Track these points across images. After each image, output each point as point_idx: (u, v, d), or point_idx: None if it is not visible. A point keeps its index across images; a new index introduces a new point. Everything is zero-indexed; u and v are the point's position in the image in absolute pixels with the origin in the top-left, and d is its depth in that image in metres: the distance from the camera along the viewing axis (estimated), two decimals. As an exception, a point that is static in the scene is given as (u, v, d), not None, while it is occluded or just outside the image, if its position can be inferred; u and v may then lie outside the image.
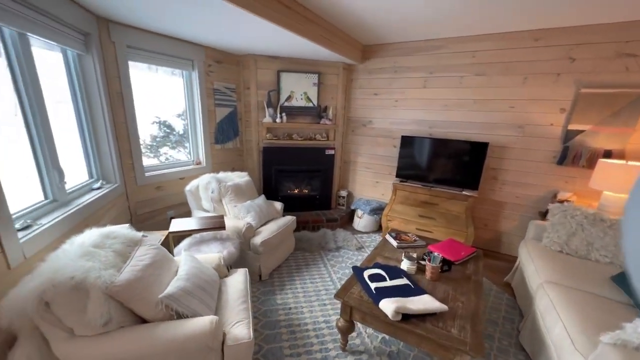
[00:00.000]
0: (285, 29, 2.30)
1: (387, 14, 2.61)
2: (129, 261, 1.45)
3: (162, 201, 2.94)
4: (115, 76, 2.39)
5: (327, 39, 2.86)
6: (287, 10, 2.27)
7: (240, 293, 1.74)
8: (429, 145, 3.35)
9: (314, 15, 2.59)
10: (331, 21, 2.82)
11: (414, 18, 2.68)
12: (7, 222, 1.28)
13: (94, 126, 2.25)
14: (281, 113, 3.59)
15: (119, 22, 2.35)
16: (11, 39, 1.54)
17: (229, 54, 3.40)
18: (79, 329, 1.18)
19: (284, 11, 2.25)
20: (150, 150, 4.79)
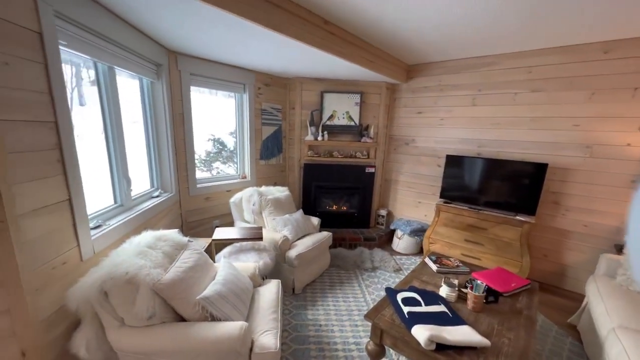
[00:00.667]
0: (329, 53, 2.44)
1: (435, 35, 2.62)
2: (174, 262, 1.60)
3: (210, 211, 3.19)
4: (179, 99, 2.74)
5: (369, 61, 2.94)
6: (331, 37, 2.41)
7: (271, 303, 1.80)
8: (477, 165, 3.15)
9: (357, 39, 2.70)
10: (375, 44, 2.91)
11: (465, 37, 2.64)
12: (84, 221, 1.53)
13: (159, 142, 2.59)
14: (323, 131, 3.71)
15: (186, 54, 2.71)
16: (102, 72, 1.89)
17: (278, 77, 3.67)
18: (128, 319, 1.34)
19: (328, 37, 2.39)
20: (205, 164, 5.27)
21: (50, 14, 1.32)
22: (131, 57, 2.08)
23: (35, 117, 1.27)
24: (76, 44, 1.55)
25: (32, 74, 1.25)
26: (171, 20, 1.92)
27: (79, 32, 1.56)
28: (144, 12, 1.83)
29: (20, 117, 1.20)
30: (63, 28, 1.44)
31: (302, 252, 2.59)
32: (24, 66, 1.21)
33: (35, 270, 1.25)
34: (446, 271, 2.31)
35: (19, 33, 1.18)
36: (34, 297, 1.23)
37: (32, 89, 1.25)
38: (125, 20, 1.94)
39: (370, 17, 2.27)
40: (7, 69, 1.15)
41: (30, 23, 1.23)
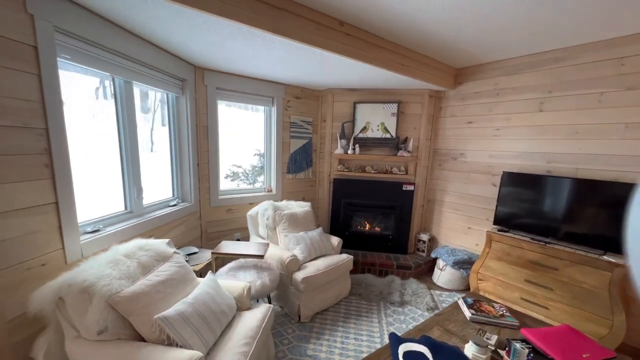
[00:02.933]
0: (349, 57, 2.24)
1: (486, 31, 2.22)
2: (147, 274, 1.53)
3: (232, 223, 3.18)
4: (204, 112, 2.83)
5: (402, 65, 2.63)
6: (349, 39, 2.22)
7: (248, 332, 1.57)
8: (546, 186, 2.48)
9: (384, 41, 2.45)
10: (408, 46, 2.60)
11: (526, 29, 2.17)
12: (72, 225, 1.58)
13: (180, 153, 2.69)
14: (354, 144, 3.44)
15: (212, 69, 2.82)
16: (119, 86, 2.03)
17: (309, 90, 3.58)
18: (82, 331, 1.28)
19: (346, 40, 2.20)
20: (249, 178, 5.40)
21: (50, 29, 1.43)
22: (153, 73, 2.21)
23: (24, 123, 1.35)
24: (82, 58, 1.67)
25: (24, 84, 1.35)
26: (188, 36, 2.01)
27: (89, 48, 1.69)
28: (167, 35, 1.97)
29: (5, 122, 1.28)
30: (67, 43, 1.56)
31: (311, 276, 2.32)
32: (13, 76, 1.31)
33: (4, 269, 1.29)
34: (484, 321, 1.76)
35: (9, 46, 1.29)
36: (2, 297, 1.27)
37: (23, 98, 1.35)
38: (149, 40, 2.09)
39: (394, 13, 2.01)
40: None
41: (25, 37, 1.34)
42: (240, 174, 5.65)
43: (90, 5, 1.59)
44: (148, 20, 1.76)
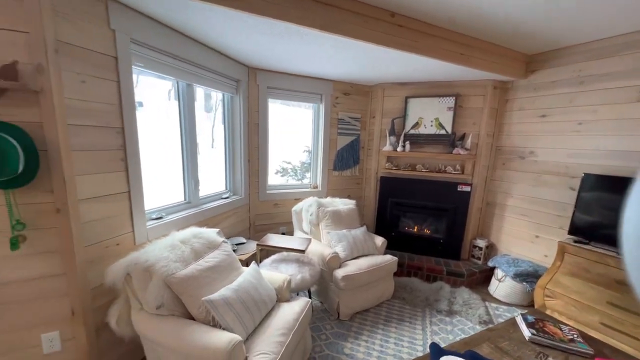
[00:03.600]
0: (396, 48, 2.15)
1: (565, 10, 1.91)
2: (198, 260, 1.68)
3: (278, 217, 3.31)
4: (255, 111, 2.99)
5: (459, 54, 2.42)
6: (399, 30, 2.11)
7: (285, 323, 1.63)
8: None
9: (438, 29, 2.27)
10: (477, 35, 2.39)
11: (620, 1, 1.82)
12: (140, 211, 1.82)
13: (233, 149, 2.89)
14: (405, 141, 3.29)
15: (264, 69, 2.96)
16: (182, 89, 2.25)
17: (359, 85, 3.52)
18: (144, 304, 1.46)
19: (395, 30, 2.10)
20: (297, 174, 5.56)
21: (127, 41, 1.65)
22: (210, 76, 2.40)
23: (106, 123, 1.59)
24: (153, 65, 1.89)
25: (107, 90, 1.58)
26: (243, 39, 2.13)
27: (158, 56, 1.90)
28: (223, 39, 2.13)
29: (92, 123, 1.53)
30: (140, 53, 1.78)
31: (352, 274, 2.30)
32: (99, 83, 1.54)
33: (89, 246, 1.54)
34: (547, 343, 1.54)
35: (97, 58, 1.52)
36: (86, 268, 1.52)
37: (106, 102, 1.58)
38: (205, 44, 2.27)
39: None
40: (85, 86, 1.48)
41: (108, 50, 1.57)
42: (289, 170, 5.83)
43: (160, 17, 1.79)
44: (208, 27, 1.91)
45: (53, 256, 1.44)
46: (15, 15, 1.21)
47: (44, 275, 1.44)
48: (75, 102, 1.42)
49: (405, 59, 2.44)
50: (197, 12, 1.70)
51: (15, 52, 1.22)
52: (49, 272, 1.45)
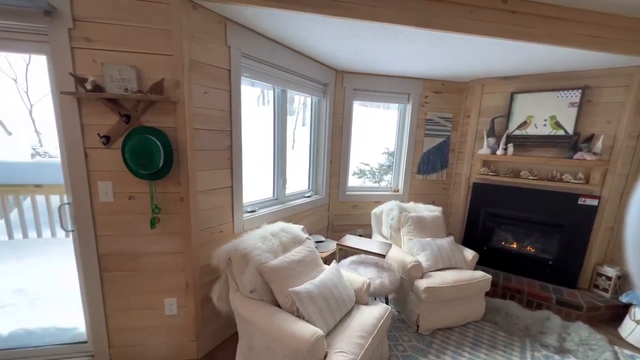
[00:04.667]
0: (527, 41, 1.89)
1: None
2: (286, 253, 1.82)
3: (356, 219, 3.31)
4: (340, 113, 3.06)
5: (602, 39, 1.97)
6: (511, 16, 1.86)
7: (365, 327, 1.62)
8: None
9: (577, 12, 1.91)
10: (616, 11, 1.95)
11: None
12: (239, 205, 2.07)
13: (317, 151, 3.02)
14: (507, 143, 2.88)
15: (351, 72, 3.00)
16: (277, 94, 2.47)
17: (452, 82, 3.24)
18: (240, 287, 1.66)
19: (528, 21, 1.86)
20: (375, 176, 5.48)
21: (239, 55, 1.90)
22: (302, 81, 2.57)
23: (219, 127, 1.87)
24: (256, 75, 2.12)
25: (221, 99, 1.85)
26: (335, 44, 2.21)
27: (260, 66, 2.13)
28: (316, 45, 2.24)
29: (210, 127, 1.81)
30: (247, 65, 2.02)
31: (435, 286, 2.13)
32: (216, 93, 1.82)
33: (201, 231, 1.83)
34: None
35: (216, 72, 1.79)
36: (198, 249, 1.81)
37: (219, 109, 1.85)
38: (299, 52, 2.42)
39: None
40: (207, 96, 1.76)
41: (223, 64, 1.83)
42: (367, 172, 5.74)
43: (265, 31, 1.98)
44: (305, 35, 2.02)
45: (177, 237, 1.77)
46: (164, 43, 1.53)
47: (169, 251, 1.78)
48: (199, 110, 1.71)
49: (515, 50, 2.13)
50: (299, 22, 1.81)
51: (162, 72, 1.54)
52: (173, 250, 1.78)
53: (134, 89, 1.49)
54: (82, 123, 1.54)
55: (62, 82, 1.47)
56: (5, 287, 2.39)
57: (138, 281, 1.78)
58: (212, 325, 2.01)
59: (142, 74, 1.53)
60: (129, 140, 1.51)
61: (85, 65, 1.48)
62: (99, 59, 1.48)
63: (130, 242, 1.73)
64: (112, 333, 1.83)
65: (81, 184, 1.61)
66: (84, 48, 1.46)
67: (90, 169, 1.61)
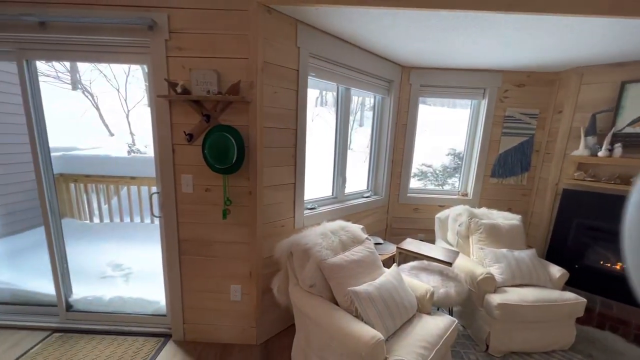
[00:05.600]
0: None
1: None
2: (345, 251, 1.80)
3: (417, 222, 3.13)
4: (404, 111, 2.92)
5: None
6: None
7: (427, 337, 1.51)
8: None
9: None
10: None
11: None
12: (301, 202, 2.13)
13: (379, 150, 2.93)
14: (613, 143, 2.40)
15: (418, 67, 2.84)
16: (340, 93, 2.47)
17: (539, 73, 2.83)
18: (300, 281, 1.70)
19: None
20: (437, 179, 5.15)
21: (307, 55, 1.95)
22: (366, 79, 2.53)
23: (286, 125, 1.94)
24: (322, 74, 2.15)
25: (289, 98, 1.93)
26: (404, 38, 2.10)
27: (325, 65, 2.15)
28: (384, 40, 2.15)
29: (277, 125, 1.89)
30: (314, 64, 2.06)
31: (512, 304, 1.89)
32: (284, 93, 1.89)
33: (265, 224, 1.93)
34: None
35: (285, 72, 1.87)
36: (262, 241, 1.91)
37: (286, 108, 1.93)
38: (365, 49, 2.38)
39: None
40: (276, 95, 1.85)
41: (292, 64, 1.90)
42: (429, 174, 5.35)
43: (333, 30, 2.00)
44: (373, 30, 1.97)
45: (244, 228, 1.90)
46: (241, 47, 1.66)
47: (237, 241, 1.92)
48: (269, 109, 1.81)
49: (632, 29, 1.75)
50: (369, 18, 1.77)
51: (239, 74, 1.67)
52: (240, 240, 1.92)
53: (215, 90, 1.65)
54: (172, 122, 1.76)
55: (158, 87, 1.70)
56: (106, 262, 2.87)
57: (209, 266, 1.96)
58: (270, 315, 2.11)
59: (221, 77, 1.67)
60: (209, 137, 1.67)
61: (177, 72, 1.68)
62: (187, 65, 1.67)
63: (204, 229, 1.91)
64: (187, 310, 2.05)
65: (168, 176, 1.83)
66: (177, 56, 1.66)
67: (176, 163, 1.82)
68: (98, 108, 8.99)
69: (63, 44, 1.73)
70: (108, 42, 1.70)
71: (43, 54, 1.79)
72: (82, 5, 1.62)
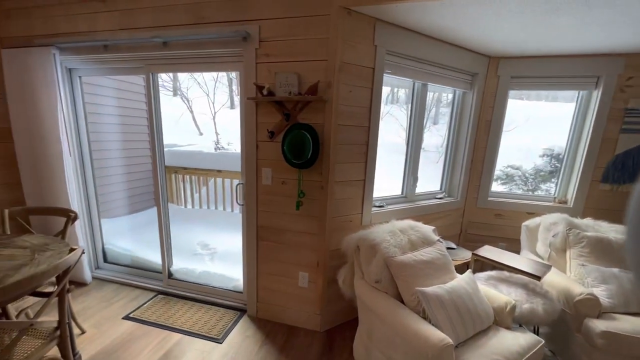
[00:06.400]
0: None
1: None
2: (414, 251, 1.76)
3: (497, 229, 2.81)
4: (489, 106, 2.66)
5: None
6: None
7: (505, 353, 1.38)
8: None
9: None
10: None
11: None
12: (369, 199, 2.15)
13: (456, 149, 2.73)
14: None
15: (509, 57, 2.54)
16: (416, 90, 2.39)
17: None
18: (365, 275, 1.74)
19: None
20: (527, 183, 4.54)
21: (384, 53, 1.96)
22: (446, 73, 2.39)
23: (359, 123, 1.99)
24: (398, 70, 2.13)
25: (363, 96, 1.97)
26: (493, 26, 1.92)
27: (402, 61, 2.12)
28: (468, 30, 2.00)
29: (351, 123, 1.96)
30: (390, 61, 2.05)
31: (621, 334, 1.57)
32: (359, 91, 1.94)
33: (333, 218, 2.01)
34: None
35: (361, 71, 1.91)
36: (330, 233, 2.01)
37: (360, 105, 1.97)
38: (446, 41, 2.25)
39: None
40: (351, 94, 1.91)
41: (369, 63, 1.93)
42: (516, 178, 4.67)
43: (410, 24, 1.95)
44: (457, 22, 1.86)
45: (314, 220, 2.02)
46: (321, 50, 1.77)
47: (307, 231, 2.05)
48: (343, 107, 1.88)
49: None
50: (452, 9, 1.67)
51: (318, 75, 1.79)
52: (310, 230, 2.05)
53: (295, 91, 1.80)
54: (257, 121, 1.98)
55: (247, 90, 1.94)
56: (197, 241, 3.38)
57: (281, 252, 2.15)
58: (335, 306, 2.20)
59: (302, 79, 1.82)
60: (288, 134, 1.83)
61: (263, 76, 1.89)
62: (273, 70, 1.86)
63: (279, 218, 2.10)
64: (260, 290, 2.28)
65: (251, 169, 2.07)
66: (264, 62, 1.87)
67: (259, 158, 2.05)
68: (192, 111, 10.58)
69: (178, 58, 2.12)
70: (211, 54, 2.02)
71: (164, 67, 2.22)
72: (193, 26, 1.96)
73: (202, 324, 2.20)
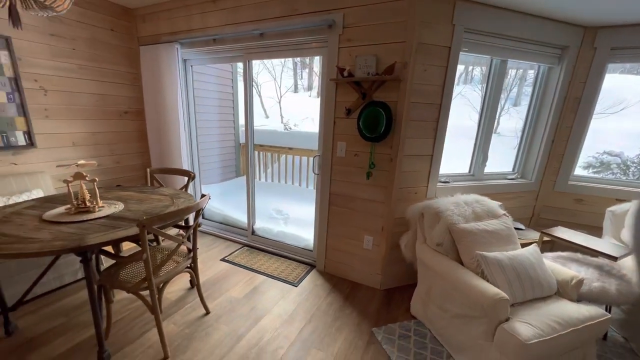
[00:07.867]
0: None
1: None
2: (478, 222, 1.88)
3: (576, 216, 2.63)
4: (581, 82, 2.46)
5: None
6: None
7: (564, 316, 1.45)
8: None
9: None
10: None
11: None
12: (435, 173, 2.28)
13: (535, 129, 2.61)
14: None
15: (612, 25, 2.30)
16: (494, 66, 2.36)
17: None
18: (427, 239, 1.93)
19: None
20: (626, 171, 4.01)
21: (461, 31, 2.01)
22: (530, 48, 2.31)
23: (431, 101, 2.11)
24: (476, 47, 2.15)
25: (436, 74, 2.07)
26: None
27: (480, 38, 2.13)
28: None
29: (423, 101, 2.09)
30: (468, 39, 2.09)
31: None
32: (434, 70, 2.05)
33: (400, 188, 2.21)
34: None
35: (437, 50, 2.01)
36: (396, 202, 2.22)
37: (434, 84, 2.09)
38: (532, 13, 2.16)
39: None
40: (425, 73, 2.04)
41: (445, 42, 2.01)
42: (613, 165, 4.07)
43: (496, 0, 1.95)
44: None
45: (382, 189, 2.25)
46: (399, 33, 1.92)
47: (375, 200, 2.30)
48: (417, 86, 2.03)
49: None
50: None
51: (395, 56, 1.97)
52: (377, 199, 2.29)
53: (373, 72, 2.01)
54: (336, 100, 2.25)
55: (328, 72, 2.22)
56: (272, 208, 3.92)
57: (350, 217, 2.44)
58: (394, 269, 2.43)
59: (379, 60, 2.01)
60: (364, 111, 2.07)
61: (345, 59, 2.14)
62: (353, 53, 2.09)
63: (350, 187, 2.38)
64: (328, 249, 2.63)
65: (328, 142, 2.37)
66: (346, 47, 2.11)
67: (335, 133, 2.33)
68: (260, 95, 11.47)
69: (271, 46, 2.49)
70: (299, 42, 2.33)
71: (259, 55, 2.63)
72: (285, 17, 2.28)
73: (280, 271, 2.67)
